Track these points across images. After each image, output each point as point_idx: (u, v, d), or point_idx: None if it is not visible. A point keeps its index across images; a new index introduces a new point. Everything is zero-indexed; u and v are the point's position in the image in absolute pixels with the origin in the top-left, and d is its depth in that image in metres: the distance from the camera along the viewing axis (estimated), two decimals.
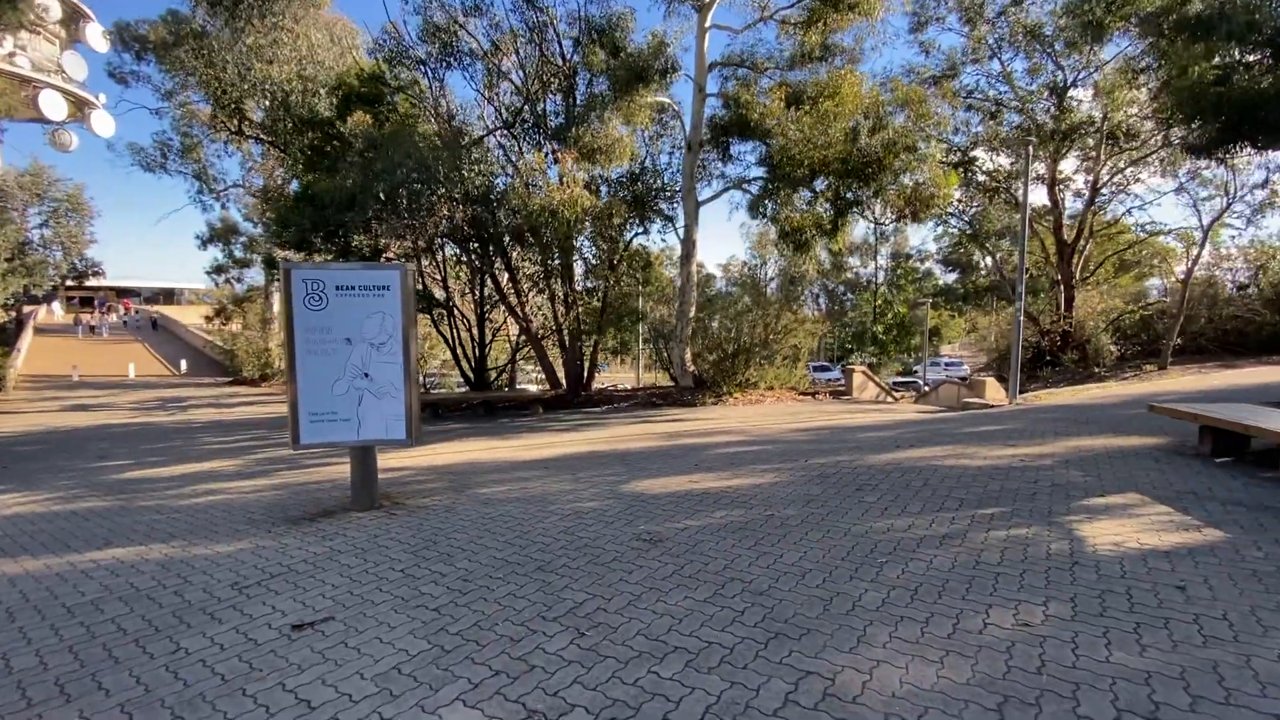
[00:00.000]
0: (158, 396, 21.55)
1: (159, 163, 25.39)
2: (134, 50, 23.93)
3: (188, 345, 38.25)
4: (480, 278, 14.68)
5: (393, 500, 6.07)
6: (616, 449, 8.50)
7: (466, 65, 12.78)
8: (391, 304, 5.57)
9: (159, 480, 8.17)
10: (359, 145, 10.88)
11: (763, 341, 13.64)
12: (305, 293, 5.43)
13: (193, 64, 14.61)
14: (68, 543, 5.28)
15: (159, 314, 51.15)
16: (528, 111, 12.84)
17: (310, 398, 5.51)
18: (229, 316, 34.34)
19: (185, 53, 15.11)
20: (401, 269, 5.57)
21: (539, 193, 10.50)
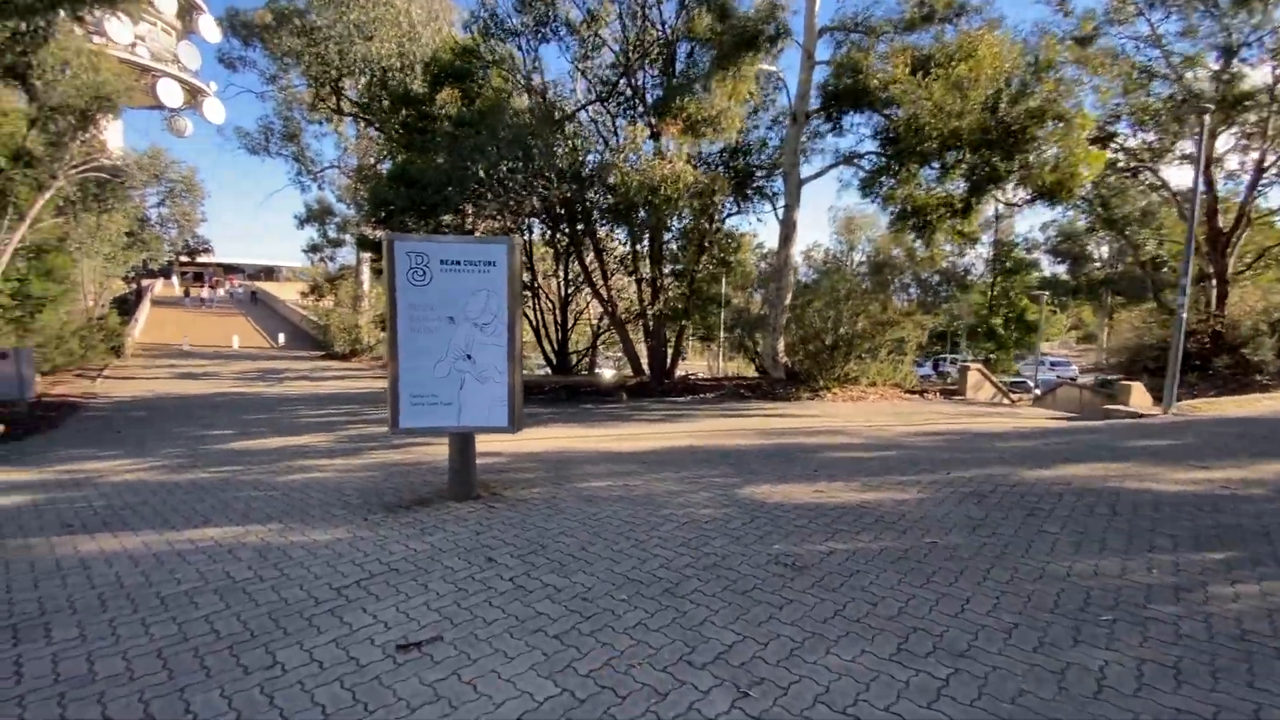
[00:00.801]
0: (258, 368, 22.66)
1: (262, 145, 26.58)
2: (242, 36, 25.07)
3: (285, 320, 40.44)
4: (567, 259, 14.31)
5: (490, 490, 5.67)
6: (717, 445, 7.84)
7: (561, 36, 12.30)
8: (497, 281, 5.10)
9: (258, 453, 8.22)
10: (447, 126, 10.62)
11: (866, 333, 12.56)
12: (409, 266, 5.04)
13: (296, 44, 14.91)
14: (168, 518, 5.17)
15: (258, 289, 54.50)
16: (623, 84, 12.23)
17: (411, 379, 5.14)
18: (323, 293, 35.95)
19: (289, 33, 15.45)
20: (509, 243, 5.09)
21: (638, 168, 9.89)
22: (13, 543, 4.65)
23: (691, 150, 11.97)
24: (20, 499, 6.06)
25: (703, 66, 10.60)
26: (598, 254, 13.44)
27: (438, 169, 9.99)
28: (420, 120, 12.50)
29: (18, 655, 2.93)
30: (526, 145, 9.61)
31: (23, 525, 5.10)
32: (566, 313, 15.37)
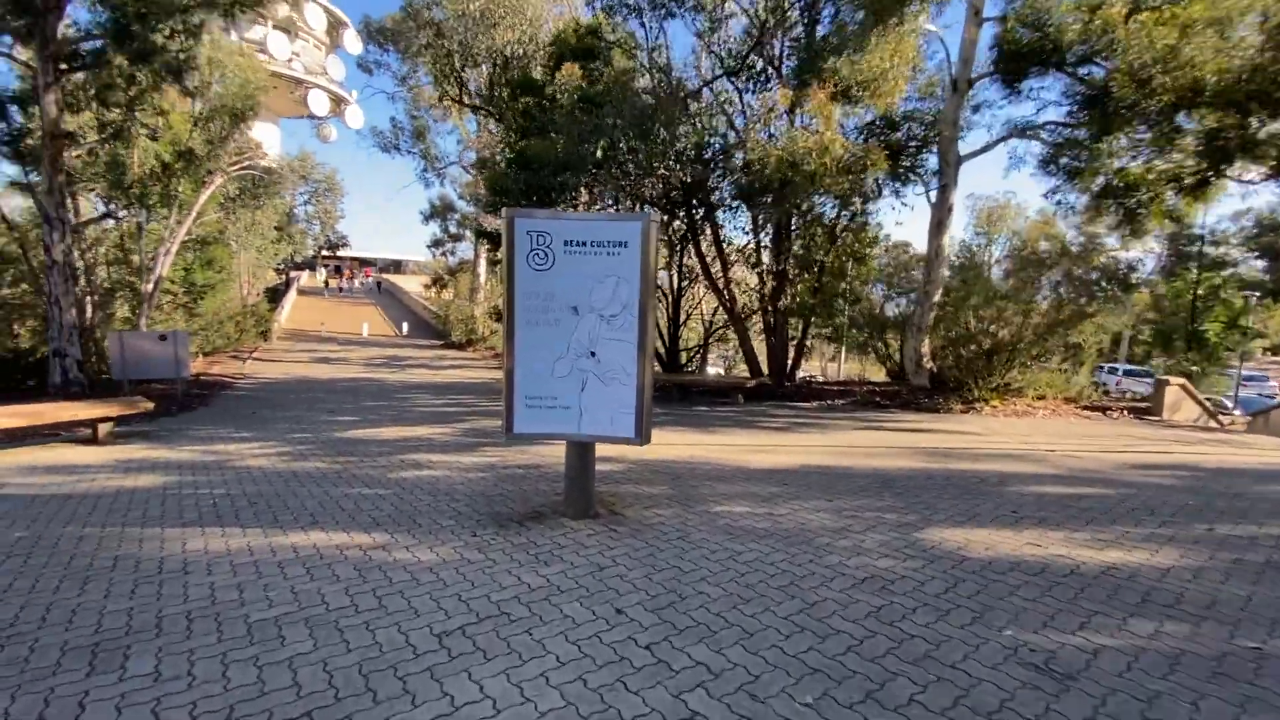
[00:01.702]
0: (383, 355, 23.82)
1: (393, 144, 28.10)
2: (378, 41, 26.48)
3: (409, 310, 42.91)
4: (682, 249, 13.48)
5: (609, 508, 4.92)
6: (869, 467, 6.65)
7: (688, 6, 11.42)
8: (629, 265, 4.31)
9: (374, 444, 8.07)
10: (568, 101, 10.11)
11: (1034, 336, 10.65)
12: (530, 248, 4.37)
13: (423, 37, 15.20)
14: (278, 515, 4.86)
15: (386, 280, 58.53)
16: (754, 57, 11.16)
17: (528, 378, 4.48)
18: (443, 285, 37.74)
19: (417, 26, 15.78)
20: (645, 219, 4.27)
21: (776, 143, 8.82)
22: (131, 533, 4.49)
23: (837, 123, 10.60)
24: (155, 480, 6.12)
25: (852, 26, 9.30)
26: (716, 243, 12.48)
27: (555, 151, 9.50)
28: (540, 105, 12.13)
29: (84, 692, 2.49)
30: (648, 124, 8.86)
31: (147, 513, 5.00)
32: (679, 307, 14.55)
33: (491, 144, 22.89)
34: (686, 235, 12.69)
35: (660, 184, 9.75)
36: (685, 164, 9.49)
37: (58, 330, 11.93)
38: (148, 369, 12.26)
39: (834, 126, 8.73)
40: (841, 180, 8.69)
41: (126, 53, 10.26)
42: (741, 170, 9.48)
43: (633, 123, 8.78)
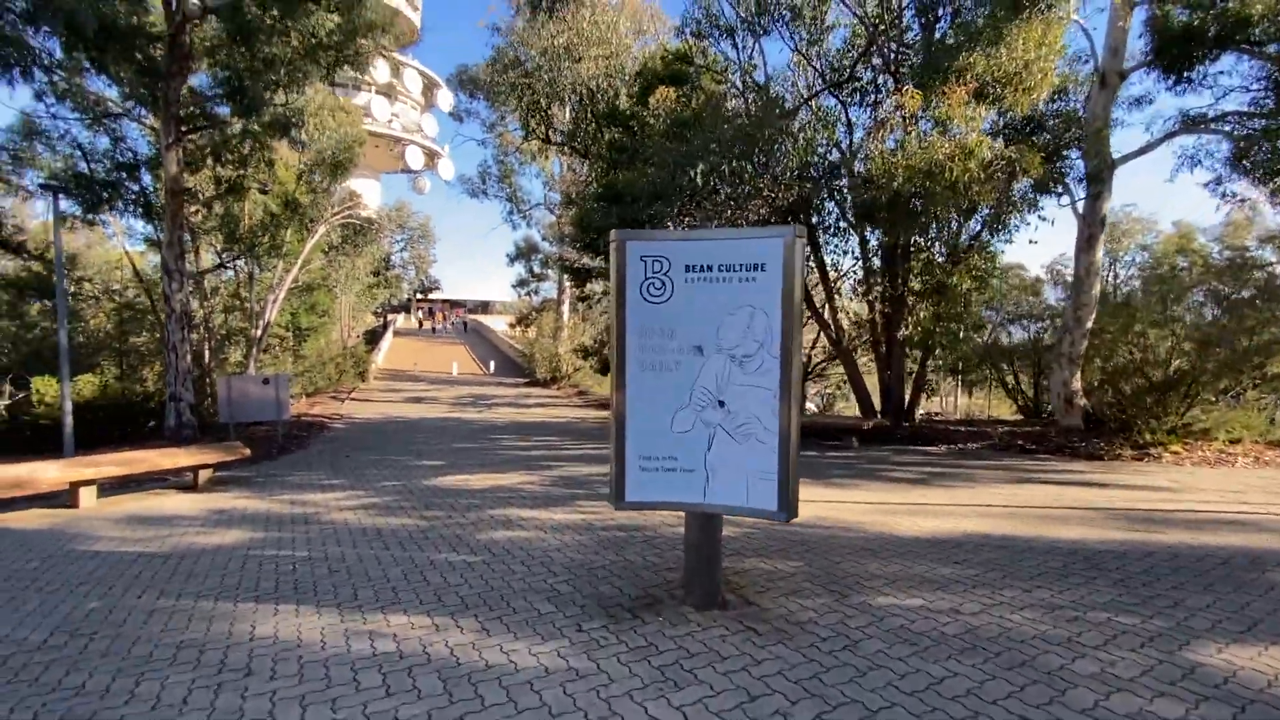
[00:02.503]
0: (470, 393, 24.05)
1: (481, 188, 29.03)
2: (468, 90, 27.64)
3: (495, 348, 43.97)
4: None
5: (739, 593, 3.98)
6: (1052, 537, 5.35)
7: (786, 22, 10.71)
8: (766, 293, 3.46)
9: (462, 494, 7.53)
10: (659, 129, 9.58)
11: (1223, 366, 8.80)
12: (643, 277, 3.61)
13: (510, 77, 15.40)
14: (357, 588, 4.26)
15: (473, 320, 60.75)
16: (861, 67, 10.24)
17: (642, 433, 3.68)
18: (527, 324, 38.41)
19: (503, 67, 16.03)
20: (788, 234, 3.43)
21: (903, 151, 7.77)
22: (203, 608, 4.00)
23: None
24: (240, 537, 5.77)
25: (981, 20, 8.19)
26: (820, 269, 11.41)
27: (647, 181, 8.94)
28: (628, 135, 11.74)
29: None
30: (748, 144, 8.10)
31: (224, 581, 4.55)
32: None
33: (577, 182, 23.03)
34: None
35: (765, 207, 8.92)
36: (793, 182, 8.62)
37: (174, 375, 12.46)
38: (251, 412, 12.57)
39: (978, 127, 7.58)
40: (989, 188, 7.49)
41: (239, 109, 10.74)
42: (859, 186, 8.49)
43: (731, 142, 8.06)
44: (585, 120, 13.94)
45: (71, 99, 12.47)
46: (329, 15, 10.03)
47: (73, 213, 13.78)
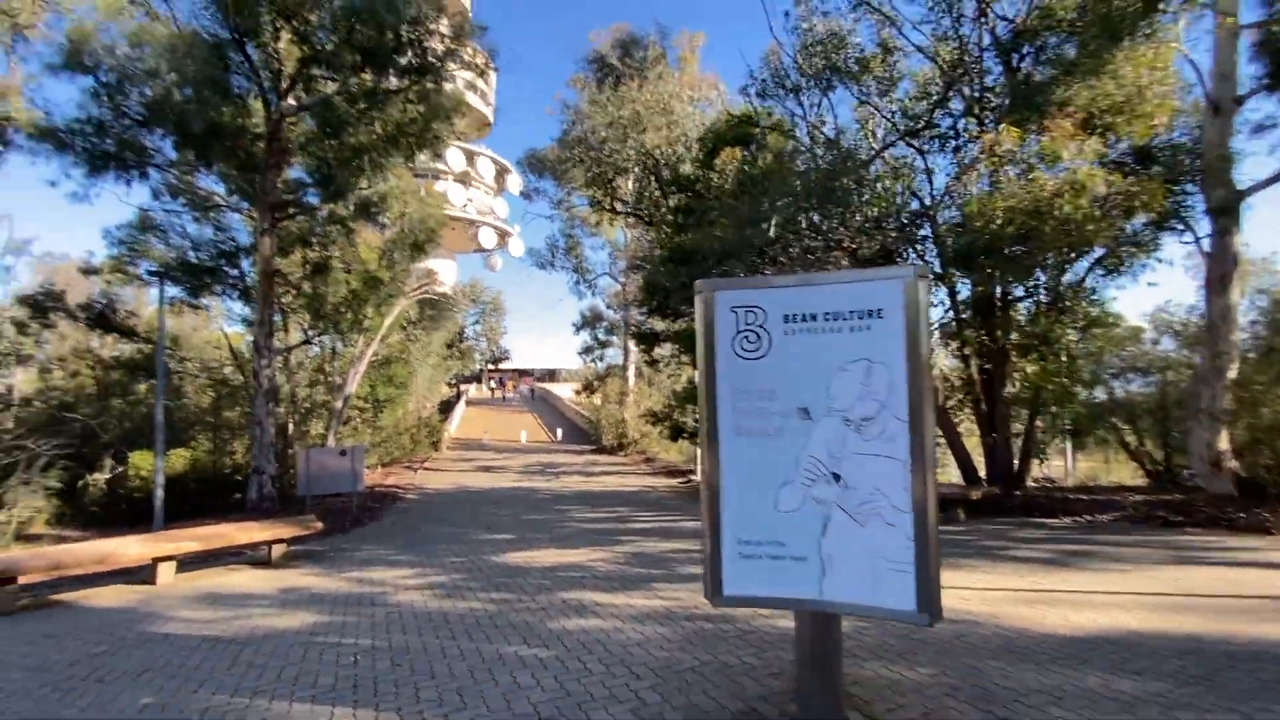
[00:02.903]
0: (539, 461, 23.89)
1: (549, 260, 30.03)
2: (536, 171, 29.11)
3: (562, 415, 44.21)
4: None
5: (865, 712, 3.25)
6: (1250, 636, 4.31)
7: (855, 74, 10.51)
8: (885, 343, 2.94)
9: (532, 573, 7.05)
10: (729, 185, 9.41)
11: None
12: (735, 330, 3.18)
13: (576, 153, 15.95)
14: (420, 689, 3.80)
15: (540, 388, 61.88)
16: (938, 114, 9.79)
17: (740, 512, 3.14)
18: (593, 390, 38.56)
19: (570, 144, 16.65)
20: (909, 274, 2.94)
21: (1001, 191, 7.16)
22: (258, 707, 3.63)
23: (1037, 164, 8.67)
24: (305, 620, 5.49)
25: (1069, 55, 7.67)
26: None
27: (716, 240, 8.68)
28: (694, 197, 11.67)
29: None
30: (824, 195, 7.74)
31: (283, 674, 4.21)
32: None
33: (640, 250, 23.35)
34: None
35: (846, 258, 8.43)
36: (877, 231, 8.13)
37: (258, 449, 12.84)
38: (328, 484, 12.73)
39: (1090, 160, 6.90)
40: (1104, 226, 6.73)
41: (327, 196, 11.43)
42: (952, 231, 7.89)
43: (807, 196, 7.72)
44: (648, 188, 14.11)
45: (182, 195, 13.74)
46: (411, 105, 10.68)
47: (179, 297, 14.96)
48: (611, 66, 14.34)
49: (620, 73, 14.09)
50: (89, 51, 8.76)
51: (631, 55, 14.85)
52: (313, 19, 9.65)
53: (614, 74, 14.31)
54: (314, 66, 10.72)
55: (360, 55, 9.68)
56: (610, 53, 15.11)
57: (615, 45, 15.27)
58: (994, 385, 9.74)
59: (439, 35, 10.46)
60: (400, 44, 9.60)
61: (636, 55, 15.04)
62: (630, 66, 14.11)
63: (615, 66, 14.17)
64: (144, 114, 9.20)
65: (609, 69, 14.56)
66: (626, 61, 14.47)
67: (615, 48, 15.15)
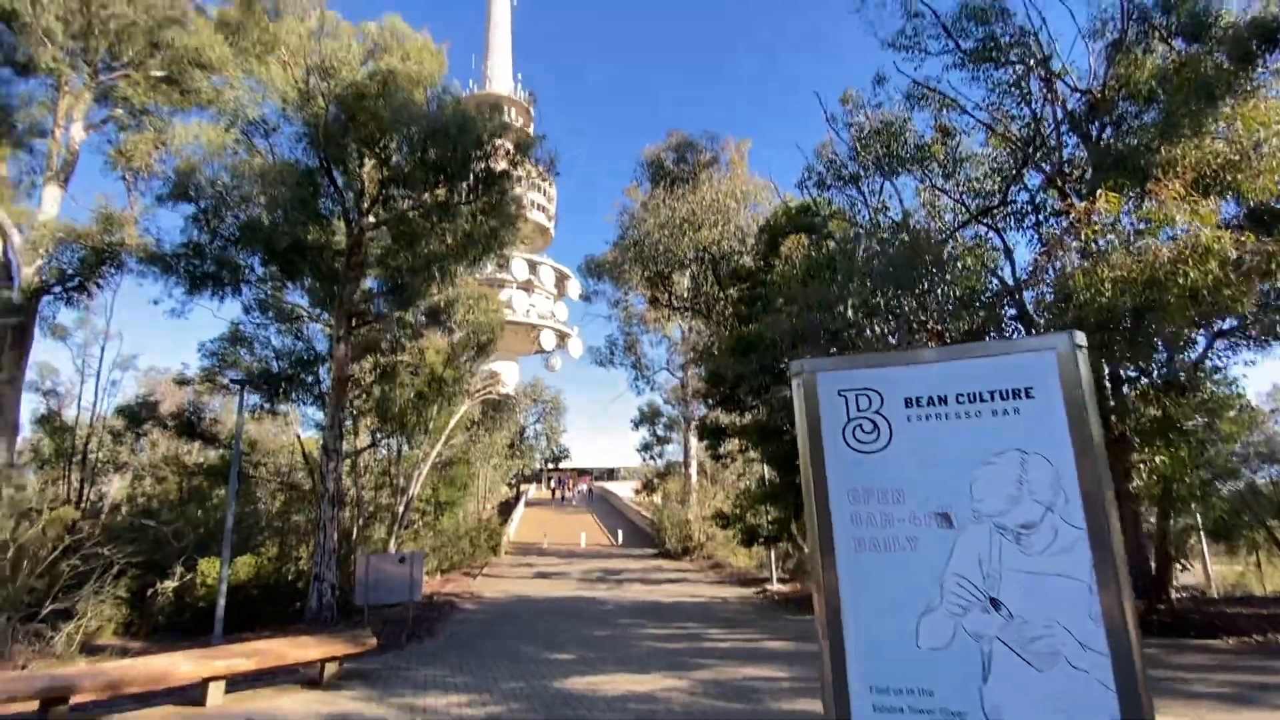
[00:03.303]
0: (600, 567, 22.78)
1: (608, 358, 30.36)
2: (595, 275, 30.17)
3: (623, 515, 42.90)
4: None
5: None
6: None
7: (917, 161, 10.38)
8: (1039, 429, 2.38)
9: (597, 704, 6.23)
10: (794, 273, 9.16)
11: None
12: (846, 418, 2.68)
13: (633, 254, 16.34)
14: None
15: (598, 486, 60.94)
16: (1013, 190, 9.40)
17: (869, 650, 2.49)
18: (653, 489, 37.40)
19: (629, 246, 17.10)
20: (1064, 343, 2.42)
21: (1106, 261, 6.50)
22: None
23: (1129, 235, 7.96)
24: None
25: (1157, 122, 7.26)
26: None
27: (786, 325, 8.31)
28: (753, 290, 11.48)
29: None
30: (903, 276, 7.32)
31: None
32: None
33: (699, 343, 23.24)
34: None
35: (932, 340, 7.81)
36: (958, 314, 7.55)
37: (320, 555, 12.65)
38: (386, 593, 12.27)
39: (1212, 221, 6.24)
40: (1241, 292, 5.93)
41: (399, 303, 11.89)
42: (1050, 308, 7.23)
43: (883, 278, 7.33)
44: (706, 283, 14.14)
45: (270, 309, 14.66)
46: (478, 215, 11.23)
47: (259, 404, 15.61)
48: (666, 171, 15.01)
49: (675, 176, 14.68)
50: (193, 183, 9.74)
51: (685, 160, 15.54)
52: (393, 144, 10.46)
53: (668, 178, 14.94)
54: (392, 186, 11.52)
55: (433, 173, 10.33)
56: (665, 156, 15.88)
57: (669, 149, 16.08)
58: (1116, 480, 8.52)
59: (504, 150, 11.14)
60: (469, 160, 10.22)
61: (690, 159, 15.70)
62: (683, 170, 14.70)
63: (670, 170, 14.82)
64: (237, 235, 9.99)
65: (664, 173, 15.24)
66: (680, 165, 15.12)
67: (669, 152, 15.94)
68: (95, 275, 10.78)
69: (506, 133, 11.47)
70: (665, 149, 16.28)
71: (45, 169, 11.26)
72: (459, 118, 10.03)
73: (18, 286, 10.60)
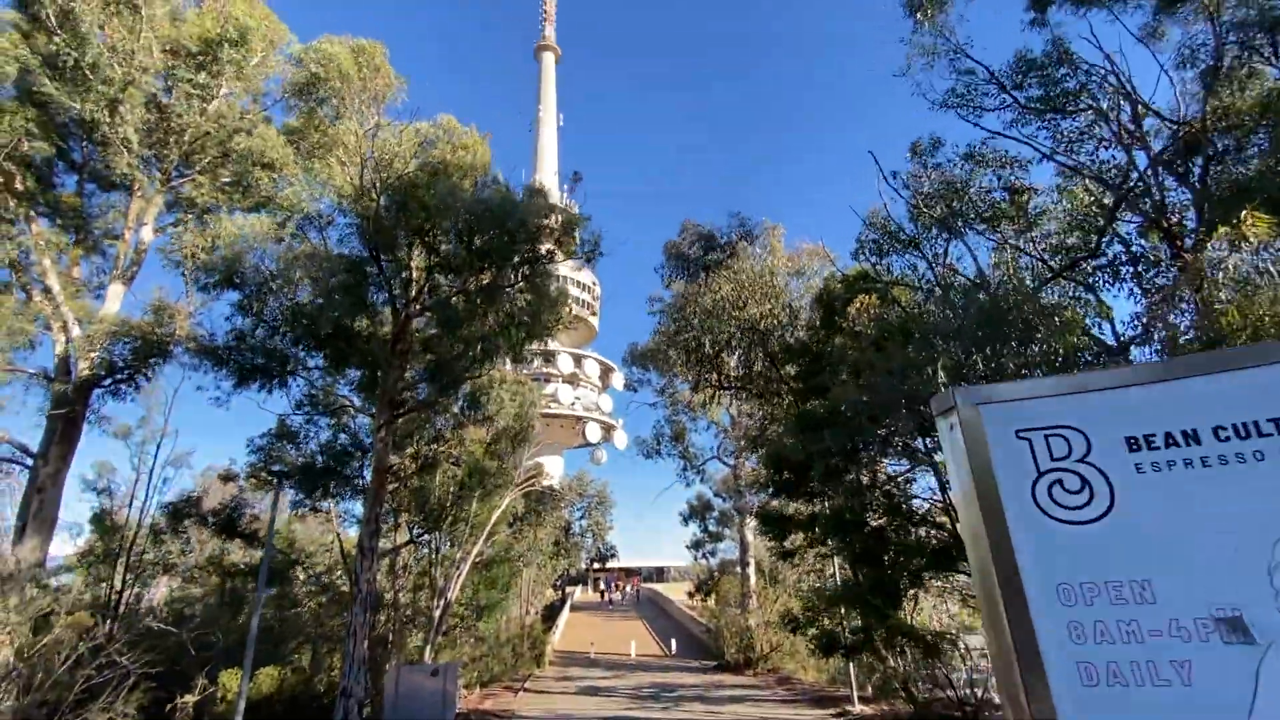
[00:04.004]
0: (652, 681, 20.61)
1: (654, 449, 29.28)
2: (640, 364, 29.85)
3: (675, 621, 39.91)
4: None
5: None
6: None
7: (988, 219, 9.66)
8: None
9: None
10: (871, 333, 8.33)
11: None
12: (1036, 472, 1.82)
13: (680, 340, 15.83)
14: None
15: (646, 589, 57.56)
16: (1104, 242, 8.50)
17: None
18: (706, 592, 34.79)
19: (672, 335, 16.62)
20: None
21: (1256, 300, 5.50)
22: None
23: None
24: None
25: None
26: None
27: (860, 396, 7.37)
28: (811, 365, 10.65)
29: None
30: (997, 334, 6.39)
31: None
32: None
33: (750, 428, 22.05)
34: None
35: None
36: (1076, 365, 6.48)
37: (349, 665, 11.57)
38: (417, 710, 11.02)
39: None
40: None
41: (439, 389, 11.51)
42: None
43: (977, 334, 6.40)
44: (757, 360, 13.40)
45: (319, 403, 14.53)
46: (521, 295, 11.02)
47: (300, 501, 15.17)
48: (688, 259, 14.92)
49: (703, 263, 14.59)
50: (239, 271, 9.88)
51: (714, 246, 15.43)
52: (439, 230, 10.48)
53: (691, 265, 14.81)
54: (438, 273, 11.50)
55: (478, 257, 10.23)
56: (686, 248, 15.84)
57: (689, 241, 16.07)
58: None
59: (548, 229, 11.06)
60: (515, 241, 10.11)
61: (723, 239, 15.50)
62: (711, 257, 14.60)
63: (691, 257, 14.73)
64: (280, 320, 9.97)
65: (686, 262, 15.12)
66: (710, 254, 15.03)
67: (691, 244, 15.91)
68: (144, 367, 10.87)
69: (551, 215, 11.49)
70: (684, 241, 16.25)
71: (113, 269, 11.76)
72: (504, 199, 10.05)
73: (74, 380, 10.72)
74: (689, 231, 17.63)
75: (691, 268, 14.80)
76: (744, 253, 14.34)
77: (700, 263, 14.61)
